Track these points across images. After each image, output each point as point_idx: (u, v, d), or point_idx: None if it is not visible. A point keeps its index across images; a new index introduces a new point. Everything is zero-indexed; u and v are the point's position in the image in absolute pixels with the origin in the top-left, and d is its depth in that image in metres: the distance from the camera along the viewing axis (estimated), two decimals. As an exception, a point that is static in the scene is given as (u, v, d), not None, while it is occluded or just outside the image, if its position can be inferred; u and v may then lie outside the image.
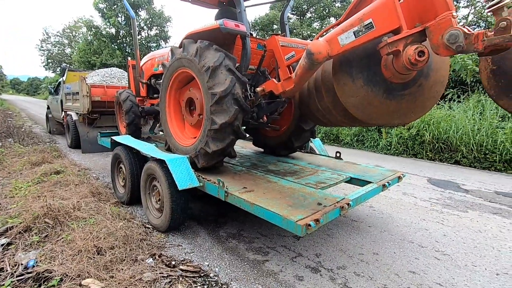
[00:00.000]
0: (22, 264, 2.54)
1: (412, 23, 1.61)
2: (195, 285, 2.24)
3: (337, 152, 4.18)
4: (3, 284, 2.28)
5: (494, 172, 6.47)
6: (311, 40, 2.59)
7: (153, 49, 30.04)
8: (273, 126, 3.80)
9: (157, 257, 2.56)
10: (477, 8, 14.00)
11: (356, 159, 4.61)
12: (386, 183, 3.04)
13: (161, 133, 5.69)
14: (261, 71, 3.49)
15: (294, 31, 21.87)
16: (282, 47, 3.06)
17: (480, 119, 7.71)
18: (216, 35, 3.01)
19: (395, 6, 1.60)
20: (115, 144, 4.02)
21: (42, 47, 41.90)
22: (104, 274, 2.25)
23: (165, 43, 29.67)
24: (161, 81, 4.60)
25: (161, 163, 2.98)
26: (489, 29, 1.38)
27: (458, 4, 14.55)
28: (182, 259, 2.61)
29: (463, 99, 9.26)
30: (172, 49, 3.29)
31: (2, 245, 2.88)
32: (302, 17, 25.88)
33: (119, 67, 19.39)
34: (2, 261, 2.59)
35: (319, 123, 3.10)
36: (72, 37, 41.55)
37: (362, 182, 3.18)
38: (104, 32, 27.76)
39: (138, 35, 28.71)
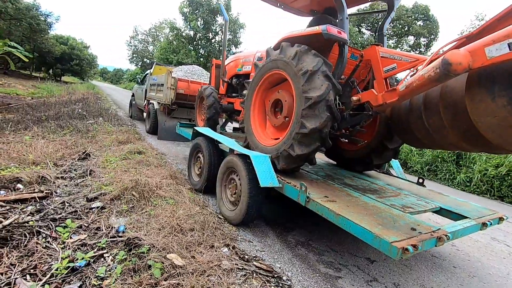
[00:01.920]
0: (114, 228, 2.84)
1: None
2: (268, 284, 2.22)
3: (419, 177, 3.82)
4: (100, 242, 2.57)
5: None
6: (414, 53, 2.43)
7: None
8: (356, 139, 3.64)
9: (231, 248, 2.62)
10: None
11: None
12: (487, 222, 2.65)
13: (228, 130, 5.92)
14: (351, 81, 3.38)
15: (367, 46, 21.06)
16: (382, 58, 2.92)
17: None
18: (314, 40, 3.01)
19: None
20: (196, 134, 4.29)
21: (130, 43, 47.61)
22: (185, 253, 2.37)
23: (236, 48, 31.28)
24: (243, 80, 4.82)
25: (244, 158, 3.07)
26: None
27: None
28: (254, 255, 2.63)
29: None
30: (268, 50, 3.39)
31: (97, 207, 3.27)
32: (376, 34, 24.88)
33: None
34: (98, 222, 2.93)
35: (413, 143, 2.86)
36: (155, 36, 46.43)
37: (454, 215, 2.84)
38: (184, 34, 30.40)
39: (213, 39, 30.84)
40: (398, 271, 2.77)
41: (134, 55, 46.96)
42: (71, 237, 2.63)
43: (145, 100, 9.37)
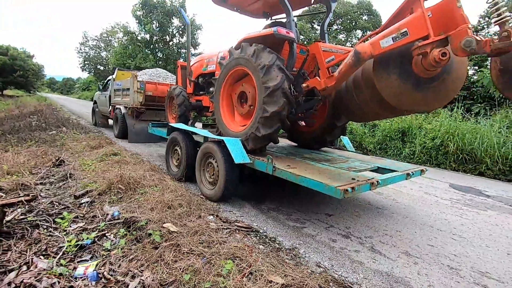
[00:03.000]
0: (109, 214, 3.21)
1: (438, 32, 2.12)
2: (249, 235, 2.79)
3: (373, 151, 4.63)
4: (100, 225, 2.94)
5: (518, 183, 6.61)
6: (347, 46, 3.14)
7: (183, 55, 31.64)
8: (309, 120, 4.33)
9: (215, 216, 3.14)
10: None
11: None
12: (410, 173, 3.48)
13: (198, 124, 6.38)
14: (302, 73, 4.06)
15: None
16: (324, 52, 3.62)
17: (507, 133, 7.83)
18: (268, 40, 3.61)
19: (425, 19, 2.12)
20: (172, 130, 4.71)
21: (80, 49, 45.00)
22: (178, 222, 2.85)
23: (194, 49, 31.20)
24: (209, 79, 5.32)
25: (219, 143, 3.59)
26: (496, 38, 1.87)
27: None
28: (235, 219, 3.18)
29: (491, 114, 9.37)
30: (231, 50, 3.93)
31: (87, 202, 3.58)
32: (328, 29, 26.47)
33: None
34: (93, 212, 3.27)
35: (353, 118, 3.60)
36: (108, 41, 44.41)
37: (387, 171, 3.63)
38: (139, 38, 29.65)
39: (170, 42, 30.49)
40: (349, 219, 3.50)
41: (86, 62, 44.52)
42: (70, 226, 2.96)
43: (110, 106, 9.38)
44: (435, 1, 2.25)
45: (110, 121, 10.49)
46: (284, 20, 4.57)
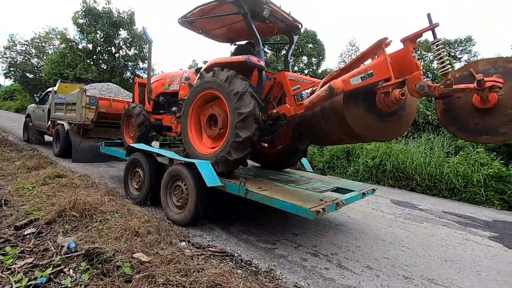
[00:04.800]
0: (64, 246, 2.87)
1: (397, 75, 2.54)
2: (225, 260, 2.78)
3: (322, 170, 5.00)
4: (54, 260, 2.62)
5: (441, 198, 7.75)
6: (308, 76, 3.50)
7: (130, 68, 30.21)
8: (275, 144, 4.55)
9: (187, 242, 3.05)
10: (425, 62, 17.00)
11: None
12: (365, 192, 3.88)
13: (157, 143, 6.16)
14: (268, 98, 4.30)
15: (271, 65, 23.67)
16: (290, 81, 3.92)
17: (430, 154, 9.20)
18: (239, 66, 3.78)
19: (387, 64, 2.54)
20: (132, 151, 4.46)
21: (5, 54, 39.61)
22: (149, 251, 2.70)
23: (143, 63, 29.99)
24: (170, 98, 5.26)
25: (189, 166, 3.54)
26: (441, 84, 2.33)
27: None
28: (207, 244, 3.13)
29: (416, 136, 10.91)
30: (202, 73, 3.98)
31: (32, 233, 3.16)
32: (277, 53, 28.12)
33: (93, 81, 19.25)
34: (43, 244, 2.90)
35: (316, 142, 3.92)
36: (41, 47, 40.04)
37: (346, 191, 3.99)
38: (80, 47, 27.48)
39: (116, 54, 28.86)
40: (314, 237, 3.72)
41: (12, 68, 39.21)
42: (16, 263, 2.58)
43: (49, 121, 8.43)
44: (396, 47, 2.70)
45: (47, 138, 9.39)
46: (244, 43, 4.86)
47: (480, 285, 2.88)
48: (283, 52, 28.53)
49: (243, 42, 5.22)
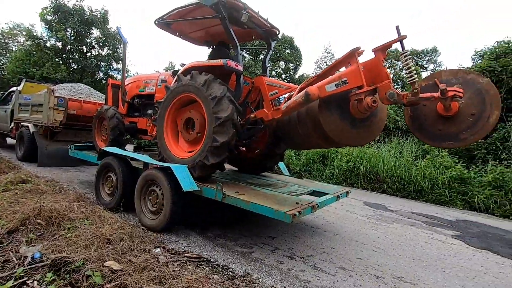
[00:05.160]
0: (27, 256, 2.70)
1: (369, 83, 2.67)
2: (201, 266, 2.74)
3: (299, 173, 5.10)
4: (16, 272, 2.45)
5: (410, 199, 8.16)
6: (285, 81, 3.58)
7: (103, 68, 29.12)
8: (252, 148, 4.58)
9: (162, 248, 2.98)
10: (395, 70, 17.91)
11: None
12: (340, 194, 4.00)
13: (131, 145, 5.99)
14: (246, 102, 4.33)
15: (249, 69, 23.82)
16: (268, 86, 3.98)
17: (400, 157, 9.67)
18: (217, 70, 3.77)
19: (360, 72, 2.67)
20: (104, 154, 4.29)
21: (-39, 49, 36.55)
22: (121, 259, 2.60)
23: (117, 64, 28.98)
24: (146, 100, 5.14)
25: (164, 170, 3.46)
26: (409, 92, 2.49)
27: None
28: (183, 250, 3.07)
29: (387, 141, 11.44)
30: (179, 75, 3.91)
31: (-9, 243, 2.93)
32: (255, 58, 28.38)
33: (63, 81, 18.30)
34: (3, 255, 2.70)
35: (292, 146, 3.99)
36: (3, 44, 37.45)
37: (321, 194, 4.09)
38: (48, 44, 26.05)
39: (88, 53, 27.66)
40: (290, 240, 3.78)
41: (-31, 65, 36.27)
42: (-29, 277, 2.38)
43: (12, 123, 7.90)
44: (368, 57, 2.83)
45: (9, 140, 8.78)
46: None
47: (444, 281, 3.06)
48: (261, 56, 28.90)
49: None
